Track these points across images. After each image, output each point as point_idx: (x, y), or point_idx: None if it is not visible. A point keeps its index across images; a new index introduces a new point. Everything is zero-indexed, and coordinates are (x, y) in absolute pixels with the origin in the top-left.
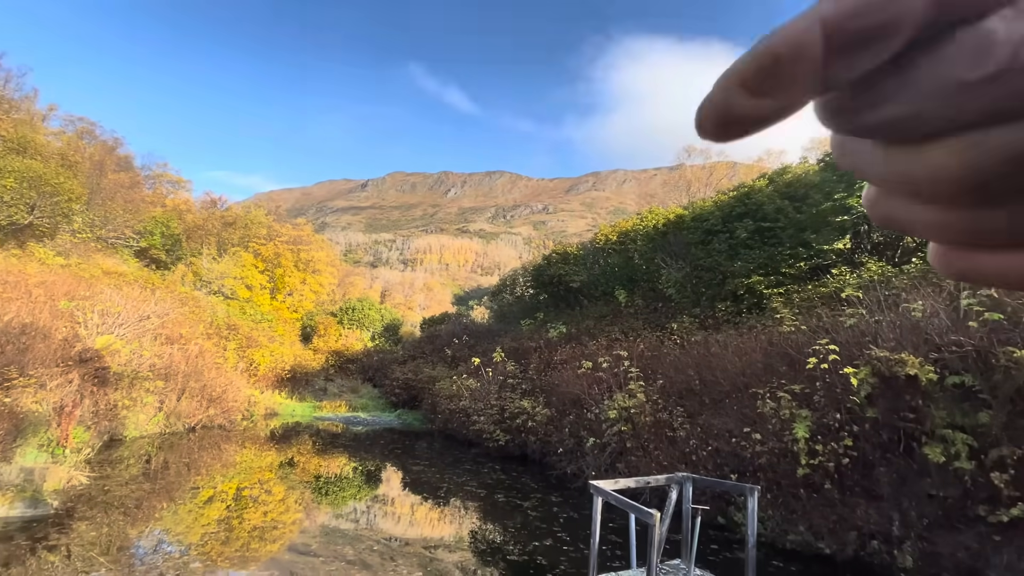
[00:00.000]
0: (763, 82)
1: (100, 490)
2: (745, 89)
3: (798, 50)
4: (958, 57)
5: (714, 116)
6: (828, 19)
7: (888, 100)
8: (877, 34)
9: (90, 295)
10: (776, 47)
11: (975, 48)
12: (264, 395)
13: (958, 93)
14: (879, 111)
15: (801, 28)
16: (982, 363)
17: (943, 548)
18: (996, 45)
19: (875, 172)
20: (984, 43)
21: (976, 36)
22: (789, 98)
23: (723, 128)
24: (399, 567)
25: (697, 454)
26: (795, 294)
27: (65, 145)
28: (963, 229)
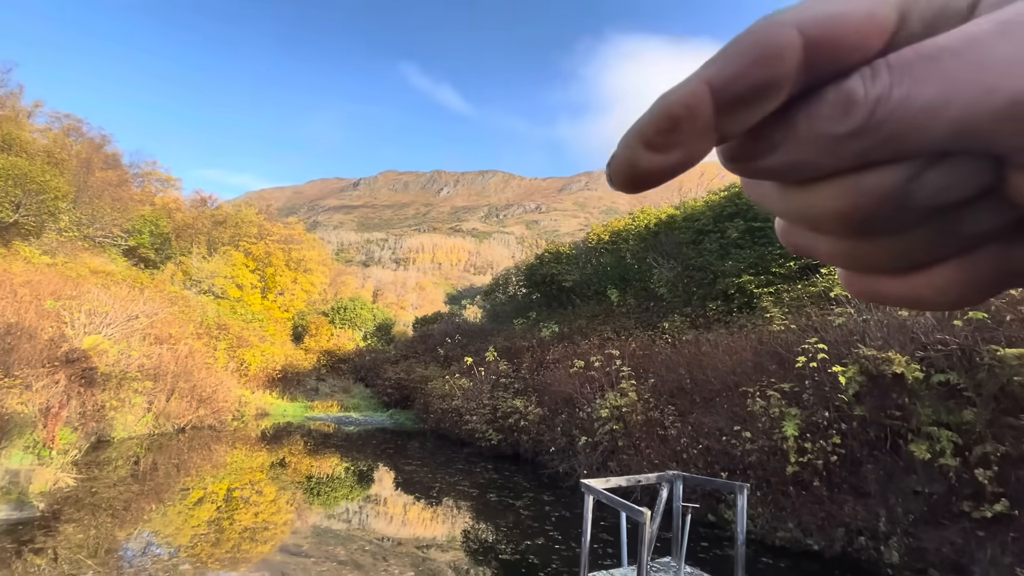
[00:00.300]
0: (663, 140)
1: (87, 492)
2: (647, 148)
3: (691, 111)
4: (827, 114)
5: (622, 173)
6: (712, 82)
7: (775, 149)
8: (757, 94)
9: (77, 294)
10: (671, 109)
11: (839, 106)
12: (255, 395)
13: (830, 144)
14: (769, 159)
15: (692, 91)
16: (967, 361)
17: (929, 543)
18: (856, 104)
19: (777, 208)
20: (847, 102)
21: (839, 95)
22: (688, 153)
23: (631, 183)
24: (391, 567)
25: (688, 452)
26: (785, 293)
27: (51, 142)
28: (854, 257)
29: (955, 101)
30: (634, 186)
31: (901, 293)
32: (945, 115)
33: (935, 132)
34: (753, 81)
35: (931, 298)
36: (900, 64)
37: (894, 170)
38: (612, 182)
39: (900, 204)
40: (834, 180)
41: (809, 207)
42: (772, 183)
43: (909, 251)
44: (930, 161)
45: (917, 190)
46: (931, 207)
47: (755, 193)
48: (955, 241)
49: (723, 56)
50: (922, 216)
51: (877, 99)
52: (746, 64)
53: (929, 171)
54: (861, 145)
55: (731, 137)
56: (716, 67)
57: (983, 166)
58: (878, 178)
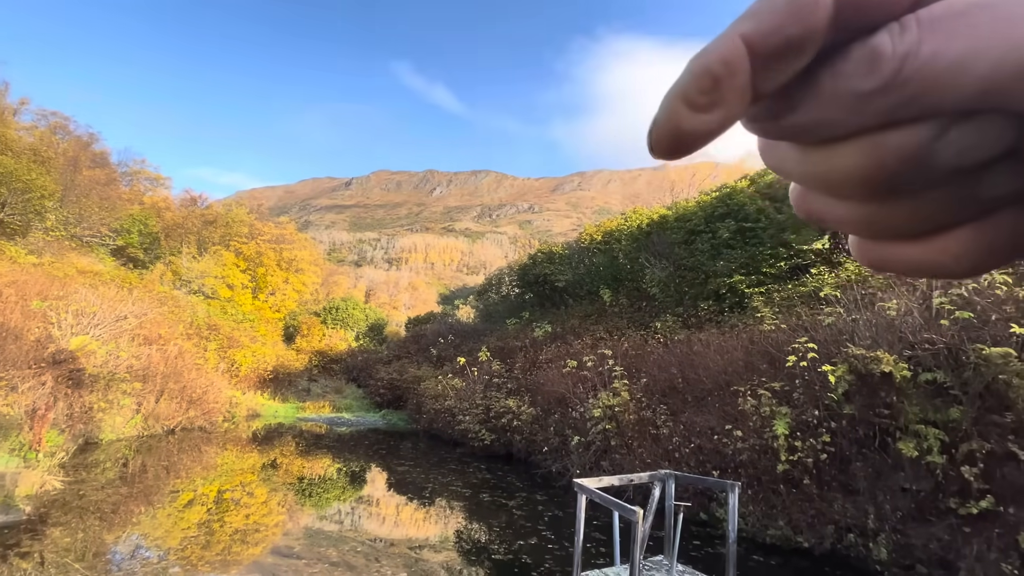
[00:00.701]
0: (705, 100)
1: (75, 495)
2: (690, 108)
3: (730, 68)
4: (852, 71)
5: (666, 136)
6: (748, 37)
7: (799, 108)
8: (790, 50)
9: (64, 295)
10: (712, 66)
11: (866, 62)
12: (246, 396)
13: (855, 102)
14: (792, 118)
15: (729, 47)
16: (953, 360)
17: (916, 540)
18: (883, 59)
19: (795, 171)
20: (873, 57)
21: (866, 51)
22: (728, 111)
23: (675, 146)
24: (383, 568)
25: (680, 451)
26: (775, 293)
27: (37, 140)
28: (872, 222)
29: (984, 57)
30: (678, 150)
31: (916, 259)
32: (974, 71)
33: (963, 89)
34: (788, 35)
35: (947, 264)
36: (929, 19)
37: (919, 128)
38: (654, 149)
39: (924, 163)
40: (857, 139)
41: (830, 168)
42: (791, 144)
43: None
44: (955, 119)
45: (942, 149)
46: (954, 167)
47: (772, 156)
48: (974, 204)
49: (757, 10)
50: (944, 177)
51: (905, 55)
52: (781, 18)
53: (954, 130)
54: (887, 103)
55: (764, 95)
56: (751, 22)
57: (1008, 125)
58: (903, 137)
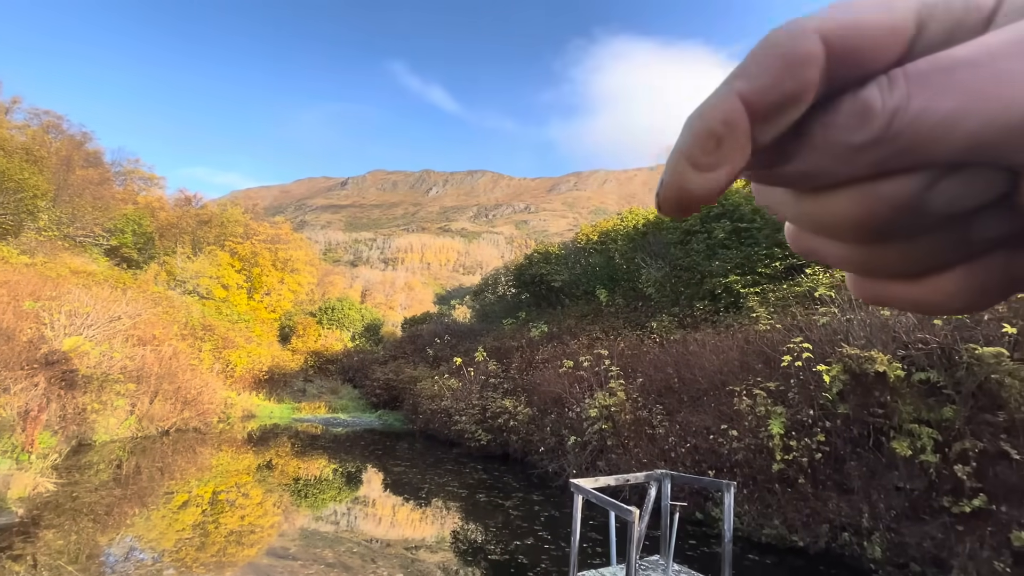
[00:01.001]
0: (708, 159)
1: (68, 497)
2: (696, 169)
3: (731, 127)
4: (843, 123)
5: (674, 199)
6: (745, 95)
7: (792, 158)
8: (786, 104)
9: (57, 295)
10: (713, 127)
11: (856, 116)
12: (241, 397)
13: (847, 153)
14: (786, 168)
15: (730, 106)
16: (946, 360)
17: (910, 538)
18: (873, 114)
19: (789, 215)
20: (864, 111)
21: (857, 104)
22: (732, 168)
23: (683, 206)
24: (380, 569)
25: (676, 451)
26: (771, 293)
27: (30, 139)
28: (865, 262)
29: (972, 114)
30: (687, 209)
31: (911, 298)
32: (962, 128)
33: (952, 144)
34: (783, 91)
35: (940, 303)
36: (918, 75)
37: (910, 179)
38: (663, 209)
39: (916, 212)
40: (849, 188)
41: (823, 214)
42: (784, 189)
43: (921, 257)
44: (945, 171)
45: (932, 199)
46: (945, 215)
47: (766, 199)
48: (965, 247)
49: (751, 66)
50: (935, 223)
51: (895, 110)
52: (775, 75)
53: (944, 180)
54: (878, 155)
55: (763, 147)
56: (746, 79)
57: (997, 176)
58: (894, 187)
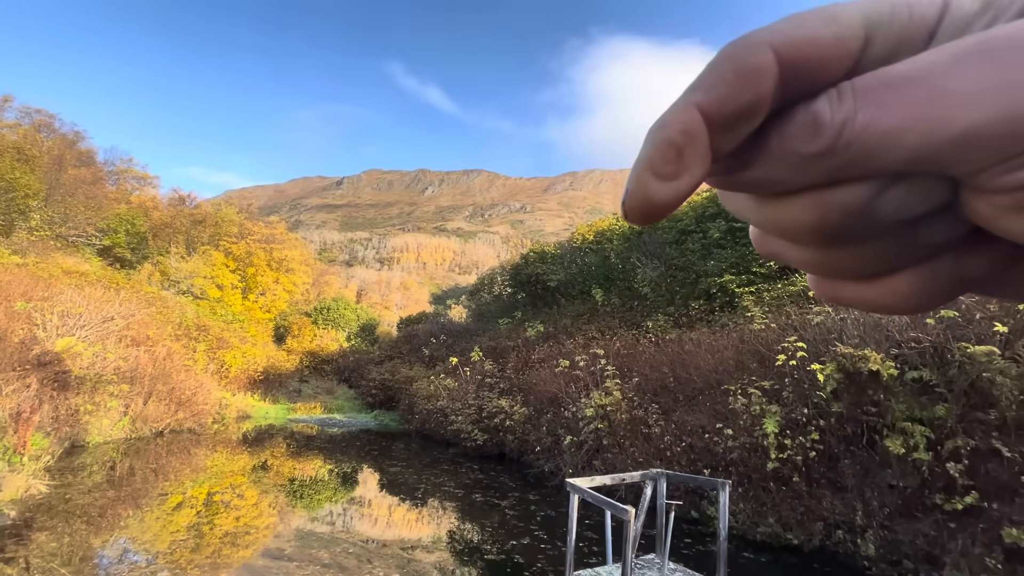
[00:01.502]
0: (670, 168)
1: (61, 499)
2: (658, 178)
3: (690, 137)
4: (796, 134)
5: (638, 207)
6: (703, 106)
7: (750, 166)
8: (744, 115)
9: (49, 295)
10: (672, 138)
11: (808, 127)
12: (236, 397)
13: (800, 162)
14: (745, 175)
15: (688, 118)
16: (939, 358)
17: (903, 536)
18: (823, 126)
19: (752, 219)
20: (815, 123)
21: (807, 116)
22: (693, 177)
23: (648, 215)
24: (376, 569)
25: (671, 450)
26: (765, 293)
27: (21, 138)
28: (823, 264)
29: (914, 128)
30: (650, 217)
31: (865, 298)
32: (905, 141)
33: (897, 155)
34: (739, 102)
35: (892, 303)
36: (864, 89)
37: (860, 187)
38: (628, 217)
39: (865, 218)
40: (804, 195)
41: (781, 219)
42: (747, 195)
43: (872, 260)
44: (893, 180)
45: (881, 206)
46: (893, 221)
47: (731, 203)
48: (914, 251)
49: (707, 79)
50: (885, 228)
51: (843, 122)
52: (731, 87)
53: (892, 189)
54: (829, 164)
55: (723, 157)
56: (703, 91)
57: (940, 185)
58: (845, 194)
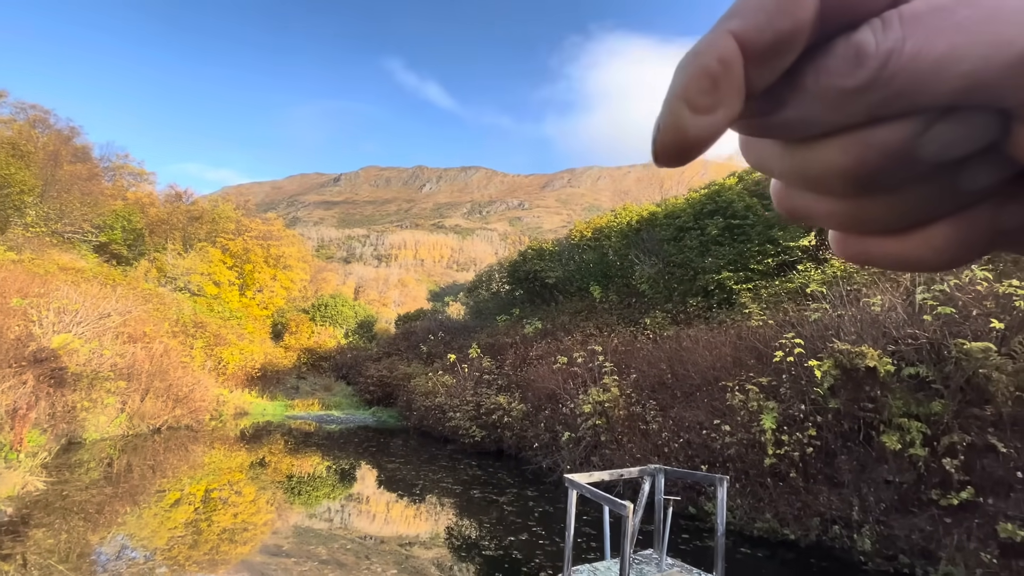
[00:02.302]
0: (706, 100)
1: (58, 495)
2: (693, 110)
3: (726, 66)
4: (836, 68)
5: (672, 143)
6: (739, 34)
7: (783, 105)
8: (780, 45)
9: (45, 292)
10: (709, 65)
11: (849, 60)
12: (233, 394)
13: (839, 99)
14: (776, 116)
15: (723, 44)
16: (935, 355)
17: (899, 531)
18: (866, 57)
19: (777, 168)
20: (857, 55)
21: (849, 48)
22: (728, 111)
23: (682, 151)
24: (374, 565)
25: (669, 446)
26: (763, 289)
27: (16, 134)
28: (853, 217)
29: (968, 55)
30: (684, 156)
31: (896, 253)
32: (958, 69)
33: (947, 86)
34: (777, 30)
35: (926, 257)
36: (912, 15)
37: (902, 125)
38: (659, 157)
39: (907, 159)
40: (840, 136)
41: (812, 165)
42: (773, 142)
43: (908, 210)
44: (939, 115)
45: (925, 145)
46: (935, 163)
47: (753, 153)
48: (952, 199)
49: (744, 6)
50: (924, 173)
51: (889, 52)
52: (769, 14)
53: (938, 125)
54: (871, 100)
55: (757, 93)
56: (740, 19)
57: (991, 120)
58: (886, 133)
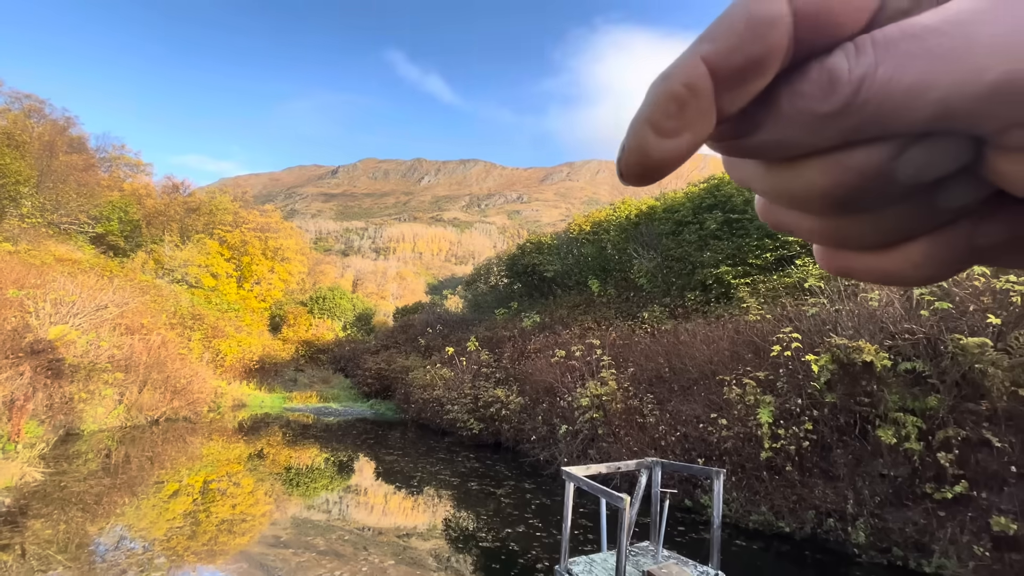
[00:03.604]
0: (671, 124)
1: (56, 486)
2: (657, 134)
3: (694, 90)
4: (810, 92)
5: (635, 164)
6: (709, 59)
7: (759, 128)
8: (751, 70)
9: (42, 283)
10: (675, 90)
11: (823, 85)
12: (231, 386)
13: (814, 123)
14: (753, 138)
15: (692, 69)
16: (932, 350)
17: (893, 524)
18: (840, 82)
19: (759, 187)
20: (831, 80)
21: (823, 72)
22: (695, 135)
23: (645, 174)
24: (371, 556)
25: (666, 439)
26: (761, 284)
27: (11, 124)
28: (834, 234)
29: (940, 81)
30: (647, 177)
31: (876, 268)
32: (930, 96)
33: (920, 112)
34: (749, 55)
35: (906, 273)
36: (885, 41)
37: (877, 149)
38: (624, 176)
39: (883, 181)
40: (817, 158)
41: (791, 185)
42: (754, 161)
43: (888, 227)
44: (913, 139)
45: (899, 168)
46: (912, 184)
47: (737, 172)
48: (930, 217)
49: (716, 29)
50: (902, 193)
51: (862, 78)
52: (740, 38)
53: (912, 149)
54: (845, 124)
55: (728, 116)
56: (711, 44)
57: (964, 144)
58: (861, 156)
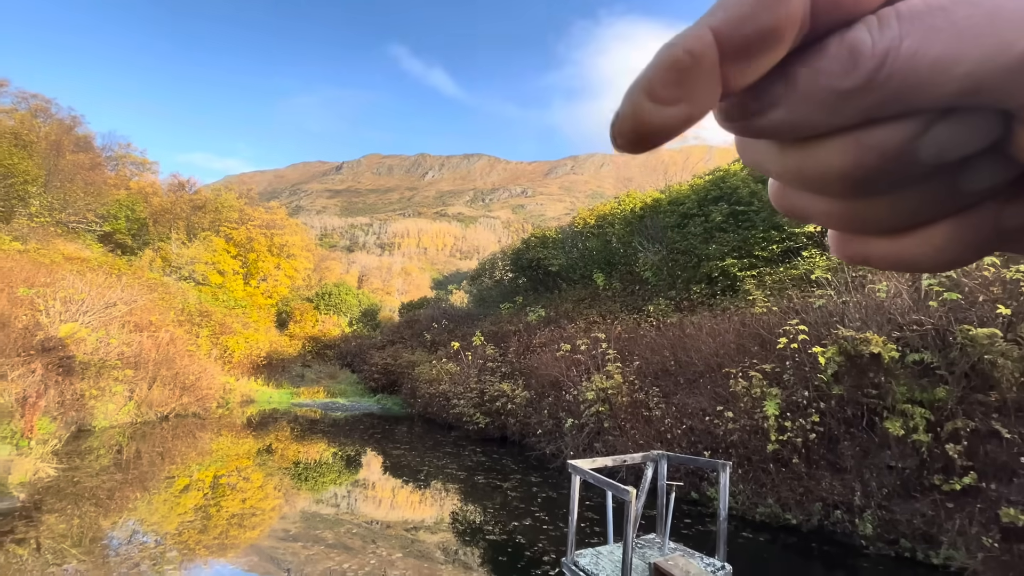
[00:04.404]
0: (668, 92)
1: (69, 482)
2: (653, 100)
3: (696, 59)
4: (830, 68)
5: (628, 130)
6: (716, 28)
7: (775, 105)
8: (762, 42)
9: (51, 281)
10: (676, 57)
11: (844, 60)
12: (239, 382)
13: (833, 101)
14: (769, 116)
15: (696, 38)
16: (940, 341)
17: (901, 516)
18: (862, 57)
19: (773, 168)
20: (852, 54)
21: (843, 47)
22: (694, 106)
23: (637, 140)
24: (380, 549)
25: (672, 432)
26: (767, 276)
27: (18, 123)
28: (852, 218)
29: (968, 55)
30: (639, 144)
31: (896, 254)
32: (957, 70)
33: (946, 87)
34: (759, 25)
35: (927, 258)
36: (911, 14)
37: (901, 126)
38: (616, 142)
39: (906, 161)
40: (836, 137)
41: (808, 166)
42: (768, 142)
43: (909, 210)
44: (938, 116)
45: (923, 147)
46: (935, 164)
47: (750, 154)
48: (954, 199)
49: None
50: (925, 173)
51: (885, 52)
52: (752, 7)
53: (937, 127)
54: (867, 101)
55: (736, 91)
56: (720, 12)
57: (991, 120)
58: (884, 135)
